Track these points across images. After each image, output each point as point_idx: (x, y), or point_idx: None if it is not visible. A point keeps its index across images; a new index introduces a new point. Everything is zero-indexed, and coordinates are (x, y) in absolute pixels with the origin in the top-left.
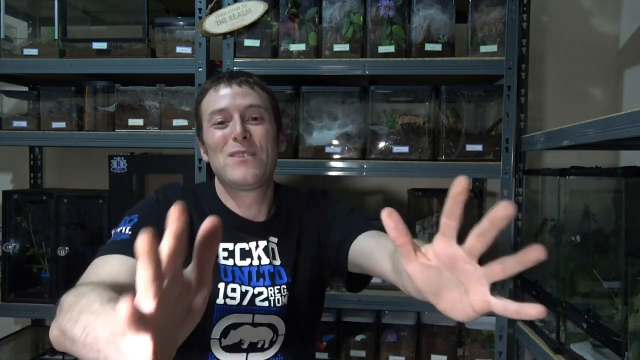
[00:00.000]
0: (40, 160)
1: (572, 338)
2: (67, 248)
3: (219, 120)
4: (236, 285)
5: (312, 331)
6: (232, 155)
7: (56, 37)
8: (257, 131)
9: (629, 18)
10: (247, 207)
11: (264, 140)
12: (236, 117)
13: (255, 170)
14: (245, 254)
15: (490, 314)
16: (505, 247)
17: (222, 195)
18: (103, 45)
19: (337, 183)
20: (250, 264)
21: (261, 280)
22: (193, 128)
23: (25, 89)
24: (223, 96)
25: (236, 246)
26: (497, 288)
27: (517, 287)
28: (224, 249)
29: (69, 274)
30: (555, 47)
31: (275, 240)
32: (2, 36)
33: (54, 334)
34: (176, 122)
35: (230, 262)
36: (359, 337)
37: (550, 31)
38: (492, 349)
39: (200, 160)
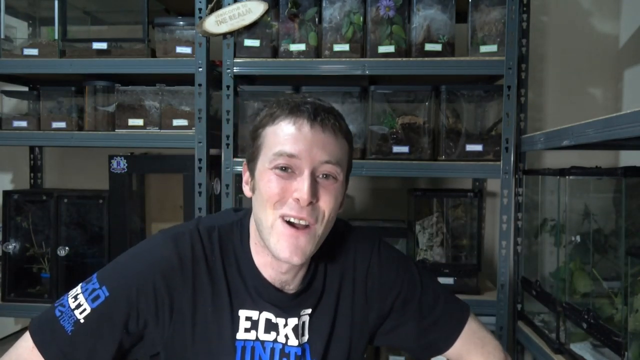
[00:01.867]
0: (40, 160)
1: (572, 338)
2: (67, 248)
3: (283, 165)
4: None
5: None
6: (284, 218)
7: (56, 37)
8: (326, 197)
9: (629, 18)
10: (282, 273)
11: (330, 207)
12: (306, 173)
13: (306, 248)
14: (271, 327)
15: (491, 313)
16: (506, 247)
17: (254, 248)
18: (103, 45)
19: None
20: (275, 340)
21: None
22: (193, 128)
23: (25, 89)
24: (300, 138)
25: (262, 315)
26: (497, 288)
27: (517, 287)
28: (247, 318)
29: (69, 274)
30: (555, 47)
31: (309, 311)
32: (2, 36)
33: None
34: (176, 122)
35: (252, 335)
36: None
37: (550, 31)
38: None
39: (200, 160)
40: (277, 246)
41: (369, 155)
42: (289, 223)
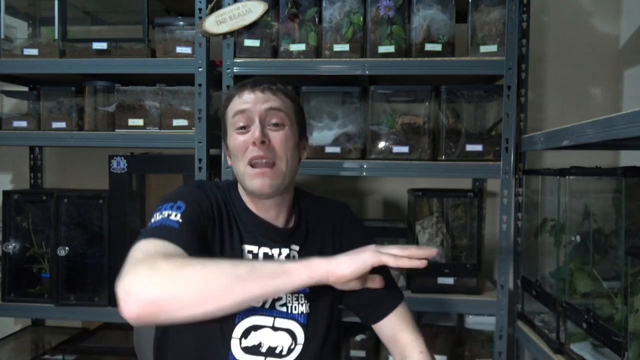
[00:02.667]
0: (40, 160)
1: (572, 338)
2: (67, 248)
3: (241, 124)
4: None
5: (333, 350)
6: (251, 162)
7: (56, 37)
8: (277, 137)
9: (629, 18)
10: (265, 210)
11: (282, 146)
12: (256, 122)
13: (272, 181)
14: (268, 258)
15: (491, 313)
16: (506, 247)
17: (244, 197)
18: (103, 45)
19: (337, 183)
20: None
21: None
22: (193, 128)
23: (25, 89)
24: (245, 101)
25: (260, 250)
26: (497, 288)
27: (517, 287)
28: (249, 252)
29: (69, 274)
30: (555, 47)
31: (297, 248)
32: (2, 36)
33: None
34: (176, 122)
35: None
36: (359, 337)
37: (550, 31)
38: (492, 349)
39: (200, 160)
40: (250, 183)
41: (369, 155)
42: (255, 166)
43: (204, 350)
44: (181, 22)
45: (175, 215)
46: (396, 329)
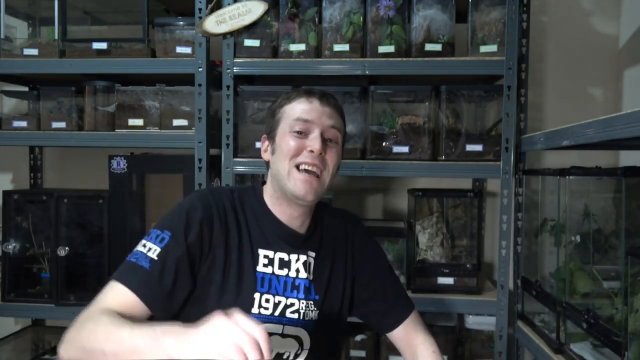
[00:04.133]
0: (40, 160)
1: (572, 338)
2: (67, 248)
3: (299, 129)
4: (270, 296)
5: (335, 354)
6: (299, 166)
7: (56, 37)
8: (331, 153)
9: (629, 18)
10: (294, 218)
11: (333, 161)
12: (317, 133)
13: (317, 190)
14: (284, 264)
15: (491, 313)
16: (506, 247)
17: (270, 200)
18: (103, 45)
19: (337, 183)
20: (287, 275)
21: (295, 292)
22: (193, 128)
23: (25, 89)
24: (313, 109)
25: (276, 255)
26: (497, 288)
27: (517, 287)
28: (265, 256)
29: (69, 274)
30: (555, 47)
31: (313, 254)
32: (2, 36)
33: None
34: (176, 122)
35: (269, 269)
36: (359, 337)
37: (550, 31)
38: (492, 349)
39: (200, 160)
40: (294, 188)
41: (369, 155)
42: (304, 171)
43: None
44: (181, 22)
45: (154, 251)
46: (409, 336)
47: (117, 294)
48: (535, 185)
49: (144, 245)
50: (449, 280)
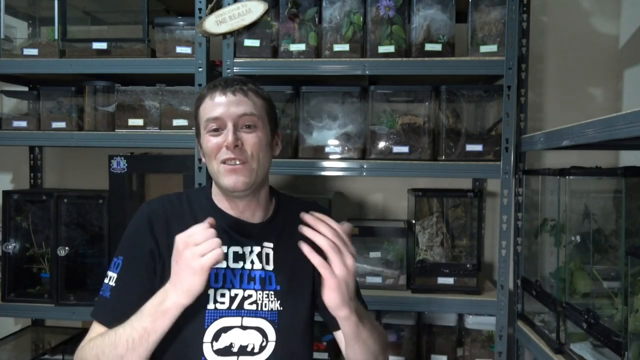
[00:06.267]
0: (40, 160)
1: (572, 338)
2: (67, 248)
3: (214, 127)
4: (225, 291)
5: (307, 345)
6: (224, 162)
7: (56, 37)
8: (249, 140)
9: (629, 18)
10: (240, 211)
11: (255, 148)
12: (229, 126)
13: (245, 179)
14: (239, 257)
15: (491, 313)
16: (506, 247)
17: (217, 197)
18: (103, 45)
19: (337, 183)
20: (243, 267)
21: (252, 283)
22: (193, 128)
23: (25, 89)
24: (217, 104)
25: (230, 249)
26: (497, 288)
27: (517, 287)
28: None
29: (69, 274)
30: (555, 47)
31: (271, 245)
32: (2, 36)
33: None
34: (176, 122)
35: (222, 264)
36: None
37: (550, 31)
38: (492, 349)
39: (200, 160)
40: (224, 181)
41: (369, 155)
42: (229, 165)
43: (181, 356)
44: (181, 22)
45: (113, 279)
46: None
47: (93, 330)
48: (535, 185)
49: (107, 276)
50: (449, 280)
